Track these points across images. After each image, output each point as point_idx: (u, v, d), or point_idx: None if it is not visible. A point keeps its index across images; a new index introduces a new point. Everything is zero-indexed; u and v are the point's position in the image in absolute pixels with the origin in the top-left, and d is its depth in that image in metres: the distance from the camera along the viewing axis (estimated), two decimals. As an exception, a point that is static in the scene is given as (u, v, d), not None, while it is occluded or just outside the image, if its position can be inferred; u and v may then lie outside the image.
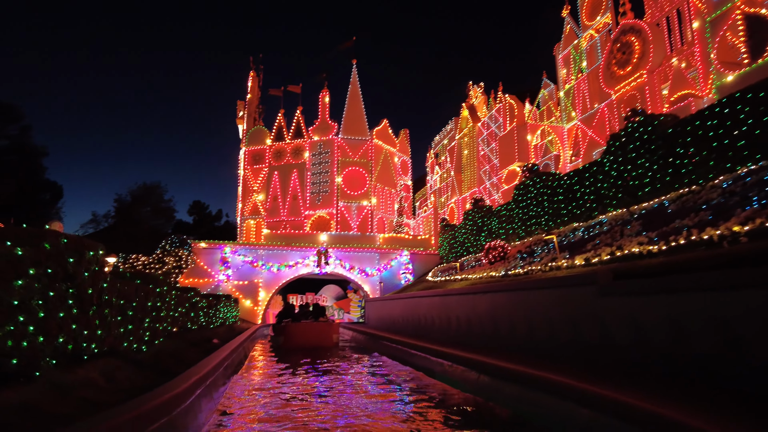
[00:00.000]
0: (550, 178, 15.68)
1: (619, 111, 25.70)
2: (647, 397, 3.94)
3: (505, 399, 5.96)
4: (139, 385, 5.80)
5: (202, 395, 5.59)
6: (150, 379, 6.24)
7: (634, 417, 3.73)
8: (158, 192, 57.72)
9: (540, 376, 5.35)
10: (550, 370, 5.49)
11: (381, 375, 8.96)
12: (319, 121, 32.24)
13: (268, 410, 6.19)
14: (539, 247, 13.15)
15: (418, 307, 13.84)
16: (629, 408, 3.82)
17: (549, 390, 5.10)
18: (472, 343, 9.90)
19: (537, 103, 33.79)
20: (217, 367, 7.46)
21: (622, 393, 4.10)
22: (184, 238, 19.86)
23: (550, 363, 6.28)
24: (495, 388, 6.26)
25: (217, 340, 12.62)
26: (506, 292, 8.84)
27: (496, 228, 19.13)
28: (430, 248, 27.92)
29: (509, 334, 8.55)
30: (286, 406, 6.43)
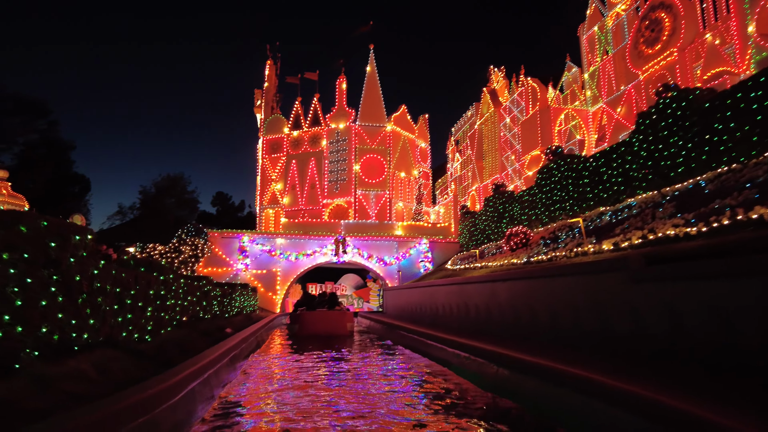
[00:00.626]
0: (575, 160, 14.93)
1: (647, 92, 24.59)
2: (691, 398, 3.40)
3: (525, 395, 5.46)
4: (134, 376, 5.48)
5: (199, 388, 5.24)
6: (148, 370, 5.92)
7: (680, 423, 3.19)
8: (182, 183, 58.35)
9: (565, 371, 4.82)
10: (575, 364, 4.96)
11: (393, 366, 8.54)
12: (337, 108, 31.75)
13: (269, 399, 5.83)
14: (563, 232, 12.49)
15: (436, 296, 13.37)
16: (673, 412, 3.28)
17: (575, 386, 4.58)
18: (491, 332, 9.39)
19: (560, 87, 32.68)
20: (221, 357, 7.14)
21: (662, 393, 3.56)
22: (200, 227, 19.72)
23: (574, 353, 5.75)
24: (515, 382, 5.76)
25: (230, 330, 12.38)
26: (528, 280, 8.29)
27: (518, 214, 18.45)
28: (450, 236, 27.33)
29: (530, 323, 8.01)
30: (284, 395, 6.06)
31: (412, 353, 10.04)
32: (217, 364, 6.67)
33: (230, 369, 7.54)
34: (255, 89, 34.16)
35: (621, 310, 5.93)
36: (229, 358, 7.62)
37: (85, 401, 4.02)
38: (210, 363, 6.18)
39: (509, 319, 8.80)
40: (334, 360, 9.31)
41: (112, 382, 5.06)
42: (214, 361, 6.52)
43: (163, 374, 4.80)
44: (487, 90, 37.52)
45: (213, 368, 6.26)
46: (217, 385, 6.18)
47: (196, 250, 18.89)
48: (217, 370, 6.55)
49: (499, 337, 8.54)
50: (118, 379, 5.25)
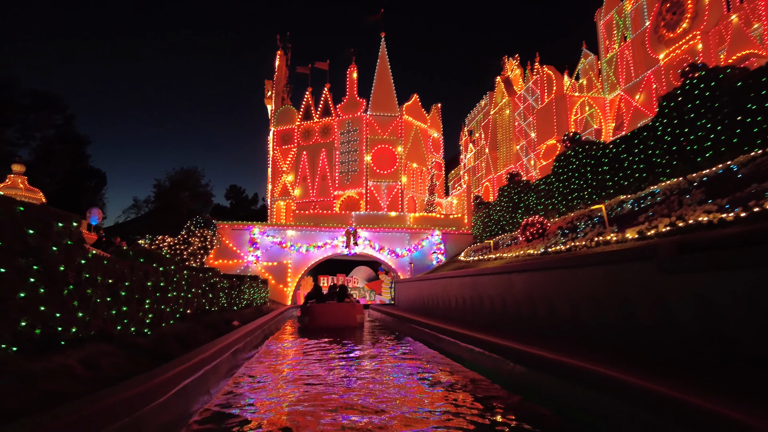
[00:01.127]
0: (594, 147, 14.33)
1: (667, 78, 23.80)
2: (735, 402, 2.94)
3: (545, 394, 5.03)
4: (126, 372, 5.16)
5: (194, 386, 4.90)
6: (143, 365, 5.60)
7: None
8: (195, 177, 58.76)
9: (587, 369, 4.37)
10: (598, 361, 4.51)
11: (403, 360, 8.15)
12: (347, 98, 31.28)
13: (271, 399, 5.48)
14: (582, 221, 11.95)
15: (449, 288, 12.93)
16: (718, 419, 2.83)
17: (599, 386, 4.13)
18: (506, 326, 8.95)
19: (576, 75, 31.86)
20: (221, 351, 6.81)
21: (704, 398, 3.10)
22: (208, 218, 19.50)
23: (596, 349, 5.29)
24: (533, 379, 5.33)
25: (237, 322, 12.11)
26: (546, 271, 7.82)
27: (533, 204, 17.89)
28: (463, 227, 26.82)
29: (549, 317, 7.55)
30: (284, 388, 5.71)
31: (423, 347, 9.65)
32: (217, 359, 6.33)
33: (231, 364, 7.21)
34: (265, 80, 33.84)
35: (648, 302, 5.46)
36: (231, 353, 7.29)
37: (67, 400, 3.69)
38: (208, 358, 5.84)
39: (525, 312, 8.34)
40: (342, 354, 8.95)
41: (98, 378, 4.74)
42: (212, 356, 6.18)
43: (152, 372, 4.46)
44: (501, 78, 36.75)
45: (211, 363, 5.92)
46: (215, 383, 5.83)
47: (205, 241, 18.66)
48: (216, 365, 6.21)
49: (515, 331, 8.10)
50: (106, 375, 4.92)
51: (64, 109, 50.77)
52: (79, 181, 52.53)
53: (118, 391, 3.65)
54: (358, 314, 15.15)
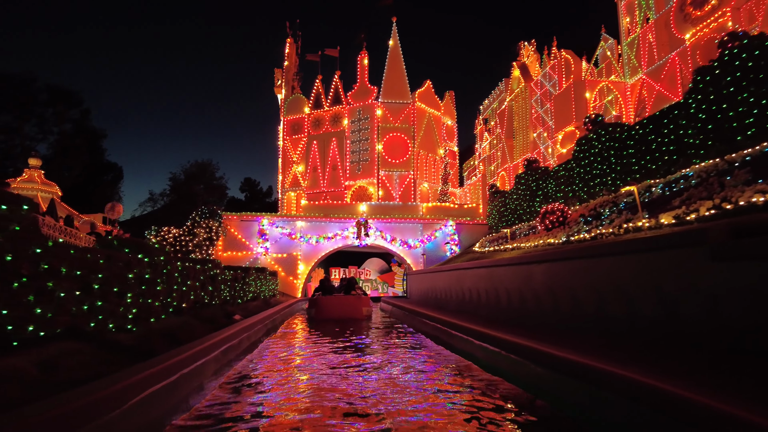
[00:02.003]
0: (618, 129, 13.37)
1: (693, 59, 22.57)
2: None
3: (569, 402, 4.27)
4: (94, 373, 4.52)
5: (163, 394, 4.23)
6: (118, 364, 4.98)
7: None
8: (210, 169, 58.80)
9: (624, 377, 3.60)
10: (632, 365, 3.74)
11: (412, 359, 7.44)
12: (358, 85, 30.44)
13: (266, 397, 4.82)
14: (607, 208, 11.07)
15: (463, 280, 12.19)
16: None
17: (636, 396, 3.37)
18: (525, 320, 8.19)
19: (595, 61, 30.62)
20: (210, 349, 6.17)
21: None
22: (213, 209, 18.96)
23: (629, 349, 4.52)
24: (554, 384, 4.57)
25: (239, 316, 11.52)
26: (569, 261, 7.03)
27: (552, 191, 16.98)
28: (478, 217, 25.93)
29: (572, 311, 6.77)
30: (278, 390, 5.05)
31: (434, 344, 8.93)
32: (202, 358, 5.68)
33: (222, 363, 6.57)
34: (275, 69, 33.13)
35: (692, 294, 4.67)
36: (221, 351, 6.65)
37: (7, 409, 3.05)
38: (189, 359, 5.20)
39: (547, 306, 7.57)
40: (347, 351, 8.27)
41: (55, 383, 4.12)
42: (196, 355, 5.54)
43: (111, 377, 3.81)
44: (517, 64, 35.56)
45: (193, 364, 5.27)
46: (197, 390, 5.18)
47: (211, 232, 18.12)
48: (201, 365, 5.57)
49: (535, 327, 7.33)
50: (66, 379, 4.30)
51: (80, 103, 51.26)
52: (96, 174, 52.98)
53: (72, 398, 3.01)
54: (364, 307, 15.29)
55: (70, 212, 32.83)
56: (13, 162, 48.29)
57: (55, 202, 32.53)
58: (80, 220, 27.93)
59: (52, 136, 49.89)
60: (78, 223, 22.52)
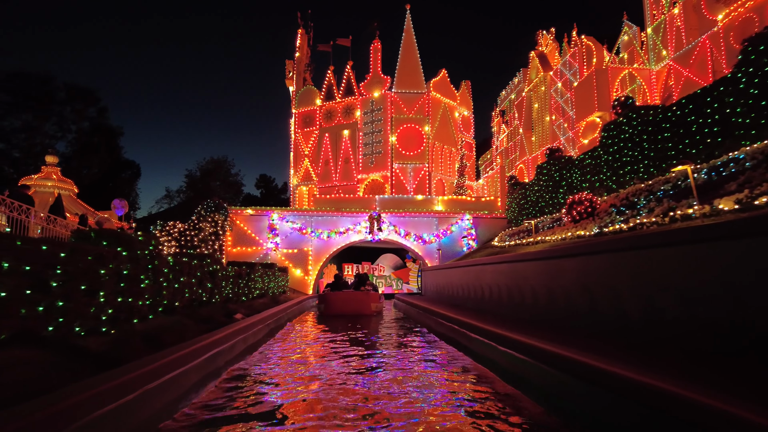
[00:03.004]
0: (651, 112, 12.25)
1: (726, 41, 21.22)
2: None
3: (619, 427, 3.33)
4: (34, 389, 3.71)
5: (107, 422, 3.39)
6: (72, 377, 4.17)
7: None
8: (226, 166, 58.86)
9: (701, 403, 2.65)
10: (713, 389, 2.79)
11: (424, 366, 6.53)
12: (371, 75, 29.47)
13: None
14: (641, 197, 10.00)
15: (482, 277, 11.23)
16: None
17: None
18: (554, 323, 7.22)
19: (616, 50, 29.28)
20: (192, 356, 5.34)
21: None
22: (218, 202, 18.21)
23: (698, 360, 3.57)
24: (601, 404, 3.63)
25: (241, 315, 10.75)
26: (608, 254, 6.05)
27: (577, 181, 15.89)
28: (496, 211, 24.83)
29: (615, 314, 5.80)
30: (263, 399, 4.22)
31: (450, 347, 8.00)
32: (179, 367, 4.86)
33: (207, 372, 5.75)
34: (286, 60, 32.35)
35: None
36: (207, 357, 5.82)
37: None
38: (167, 366, 4.37)
39: (581, 306, 6.60)
40: (353, 359, 7.40)
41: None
42: (175, 362, 4.72)
43: (40, 399, 2.98)
44: (535, 53, 34.27)
45: (166, 376, 4.44)
46: (164, 410, 4.32)
47: (216, 226, 17.39)
48: (177, 377, 4.74)
49: (567, 331, 6.37)
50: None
51: (98, 101, 51.67)
52: (114, 172, 53.26)
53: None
54: (373, 303, 15.40)
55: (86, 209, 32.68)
56: (34, 160, 48.90)
57: (63, 198, 32.28)
58: (95, 217, 27.63)
59: (70, 134, 50.44)
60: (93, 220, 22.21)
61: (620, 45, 29.32)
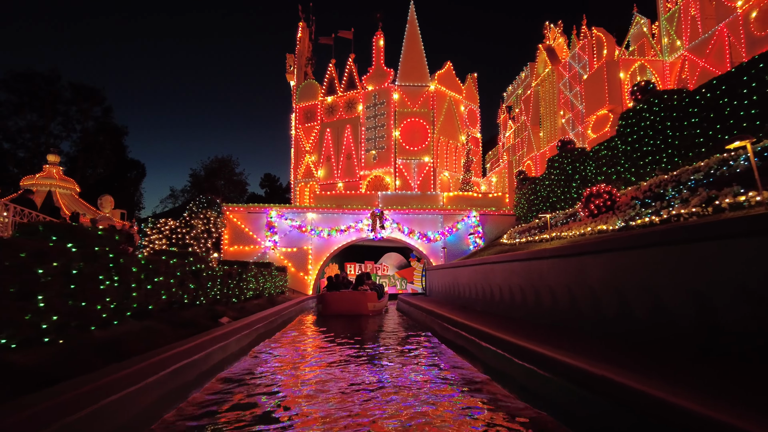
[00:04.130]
0: (676, 96, 11.24)
1: (746, 28, 20.22)
2: None
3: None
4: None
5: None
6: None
7: None
8: (230, 165, 58.56)
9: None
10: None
11: (428, 381, 5.58)
12: (374, 68, 28.48)
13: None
14: (669, 187, 9.01)
15: (491, 276, 10.26)
16: None
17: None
18: (578, 329, 6.25)
19: (626, 44, 28.31)
20: (146, 372, 4.41)
21: None
22: (211, 198, 17.29)
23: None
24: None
25: (228, 318, 9.84)
26: (645, 249, 5.08)
27: (592, 174, 14.88)
28: (504, 207, 23.80)
29: (657, 320, 4.82)
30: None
31: (459, 359, 7.04)
32: (125, 389, 3.93)
33: (168, 390, 4.82)
34: (287, 54, 31.43)
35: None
36: (168, 372, 4.89)
37: None
38: (107, 387, 3.44)
39: (610, 309, 5.63)
40: (346, 373, 6.47)
41: None
42: (120, 382, 3.79)
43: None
44: (543, 47, 33.27)
45: (97, 403, 3.51)
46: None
47: (209, 224, 16.46)
48: (116, 402, 3.81)
49: (595, 337, 5.41)
50: None
51: (103, 100, 51.59)
52: (120, 172, 53.06)
53: None
54: (370, 302, 15.35)
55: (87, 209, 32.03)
56: (39, 160, 49.05)
57: (64, 197, 31.75)
58: (98, 216, 27.02)
59: (75, 133, 50.44)
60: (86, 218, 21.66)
61: (630, 38, 28.31)
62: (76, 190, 32.90)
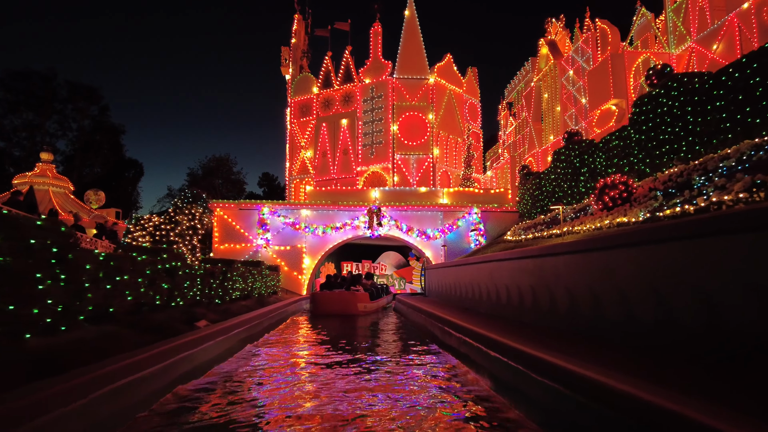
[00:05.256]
0: (696, 79, 10.32)
1: (758, 17, 19.35)
2: None
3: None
4: None
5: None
6: None
7: None
8: (228, 164, 58.21)
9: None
10: None
11: (428, 396, 4.65)
12: (371, 60, 27.51)
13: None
14: (696, 175, 8.08)
15: (497, 276, 9.33)
16: None
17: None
18: (605, 337, 5.31)
19: (630, 39, 27.49)
20: (68, 396, 3.48)
21: None
22: (196, 193, 16.25)
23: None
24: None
25: (206, 322, 8.90)
26: (688, 241, 4.15)
27: (601, 167, 13.96)
28: (507, 204, 22.84)
29: (710, 326, 3.89)
30: None
31: (464, 368, 6.10)
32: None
33: (91, 425, 3.87)
34: (282, 47, 30.44)
35: None
36: (104, 394, 3.95)
37: None
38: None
39: (645, 314, 4.69)
40: (326, 386, 5.56)
41: None
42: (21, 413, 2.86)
43: None
44: (545, 41, 32.36)
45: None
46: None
47: (194, 220, 15.45)
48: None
49: (630, 350, 4.49)
50: None
51: (99, 99, 51.42)
52: (118, 171, 52.75)
53: None
54: (360, 303, 15.52)
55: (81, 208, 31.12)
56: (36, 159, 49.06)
57: (57, 196, 30.90)
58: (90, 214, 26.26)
59: (71, 132, 50.35)
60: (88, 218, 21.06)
61: (634, 34, 27.45)
62: (70, 188, 31.98)
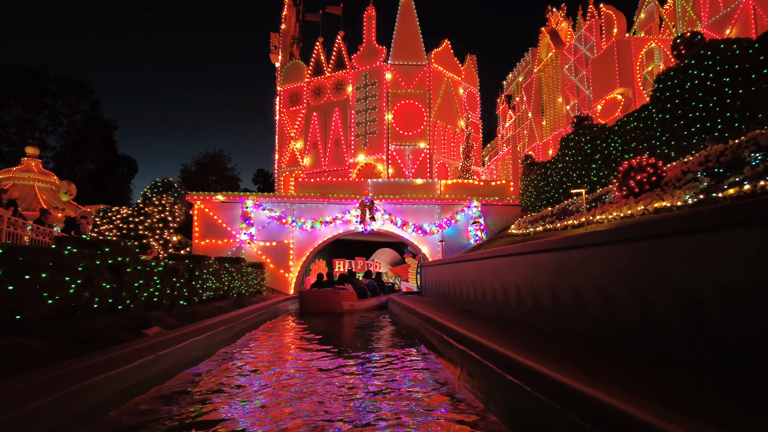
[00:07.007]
0: (735, 45, 8.92)
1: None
2: None
3: None
4: None
5: None
6: None
7: None
8: (222, 160, 57.36)
9: None
10: None
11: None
12: (365, 45, 25.99)
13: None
14: (747, 151, 6.69)
15: (503, 274, 7.93)
16: None
17: None
18: (664, 356, 3.91)
19: (633, 31, 26.22)
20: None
21: None
22: (168, 181, 14.76)
23: None
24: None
25: (159, 328, 7.47)
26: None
27: (616, 153, 12.57)
28: (509, 197, 21.42)
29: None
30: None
31: (467, 394, 4.70)
32: None
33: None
34: (271, 33, 28.92)
35: None
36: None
37: None
38: None
39: (719, 327, 3.28)
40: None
41: None
42: None
43: None
44: (546, 29, 30.99)
45: None
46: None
47: (164, 211, 13.99)
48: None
49: (708, 373, 3.11)
50: None
51: (91, 94, 50.28)
52: (111, 167, 51.72)
53: None
54: (345, 301, 15.61)
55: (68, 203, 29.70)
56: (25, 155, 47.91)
57: (42, 191, 29.46)
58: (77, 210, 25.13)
59: (62, 128, 49.59)
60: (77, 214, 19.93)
61: (637, 25, 26.13)
62: (56, 183, 30.52)
